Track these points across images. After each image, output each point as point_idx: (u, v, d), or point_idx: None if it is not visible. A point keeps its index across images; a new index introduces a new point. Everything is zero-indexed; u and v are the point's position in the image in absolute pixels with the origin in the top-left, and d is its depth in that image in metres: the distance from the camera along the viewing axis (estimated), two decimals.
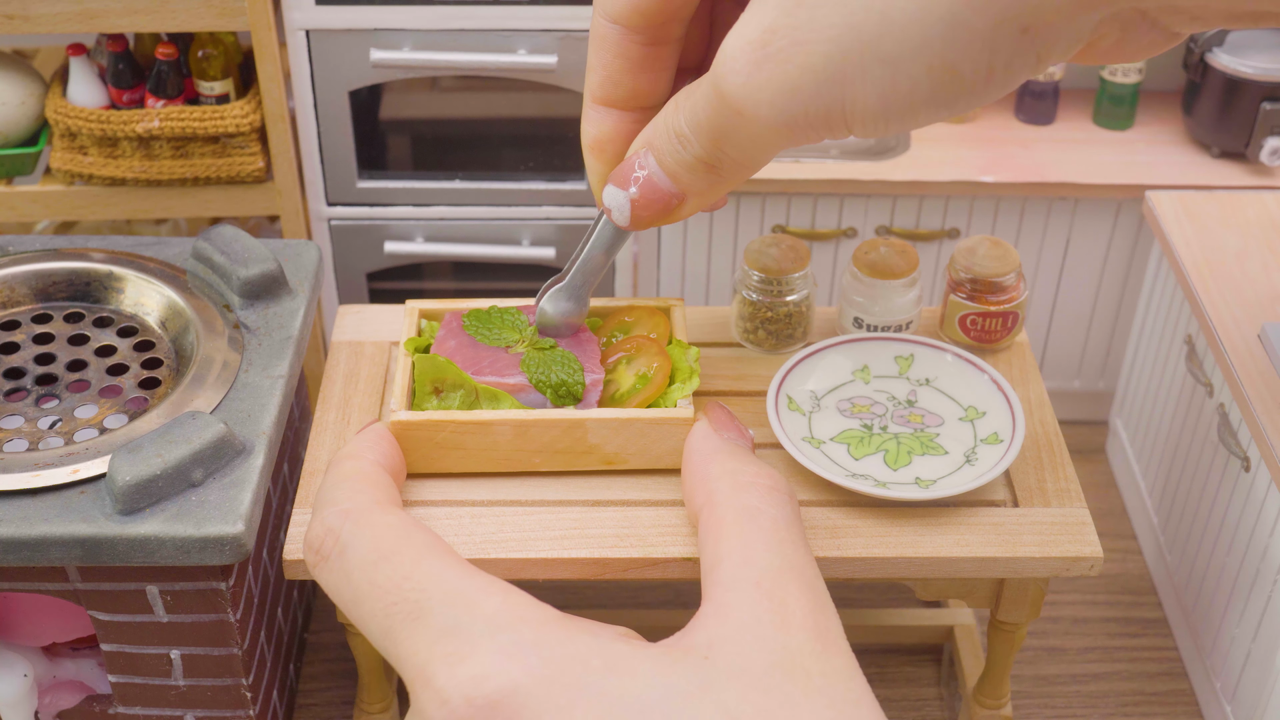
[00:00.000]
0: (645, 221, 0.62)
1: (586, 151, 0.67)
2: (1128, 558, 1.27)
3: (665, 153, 0.58)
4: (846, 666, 0.50)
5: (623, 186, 0.61)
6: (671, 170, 0.58)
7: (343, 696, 1.11)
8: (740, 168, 0.56)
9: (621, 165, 0.62)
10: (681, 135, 0.56)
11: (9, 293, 1.01)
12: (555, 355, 0.83)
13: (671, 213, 0.61)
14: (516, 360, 0.83)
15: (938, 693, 1.14)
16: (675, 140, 0.56)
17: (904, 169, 1.32)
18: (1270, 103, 1.30)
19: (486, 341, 0.84)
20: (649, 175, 0.59)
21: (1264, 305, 1.06)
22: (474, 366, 0.83)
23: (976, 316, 0.96)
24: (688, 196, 0.59)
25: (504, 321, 0.85)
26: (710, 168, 0.56)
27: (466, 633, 0.49)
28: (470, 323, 0.86)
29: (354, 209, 1.35)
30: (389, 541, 0.55)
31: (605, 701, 0.47)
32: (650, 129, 0.59)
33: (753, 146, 0.53)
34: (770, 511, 0.57)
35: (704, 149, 0.55)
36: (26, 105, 1.26)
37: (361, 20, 1.25)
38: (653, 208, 0.60)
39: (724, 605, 0.52)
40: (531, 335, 0.84)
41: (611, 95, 0.64)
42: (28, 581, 0.87)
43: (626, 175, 0.61)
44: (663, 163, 0.58)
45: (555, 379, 0.82)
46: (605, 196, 0.63)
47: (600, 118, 0.65)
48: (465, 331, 0.86)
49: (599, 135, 0.65)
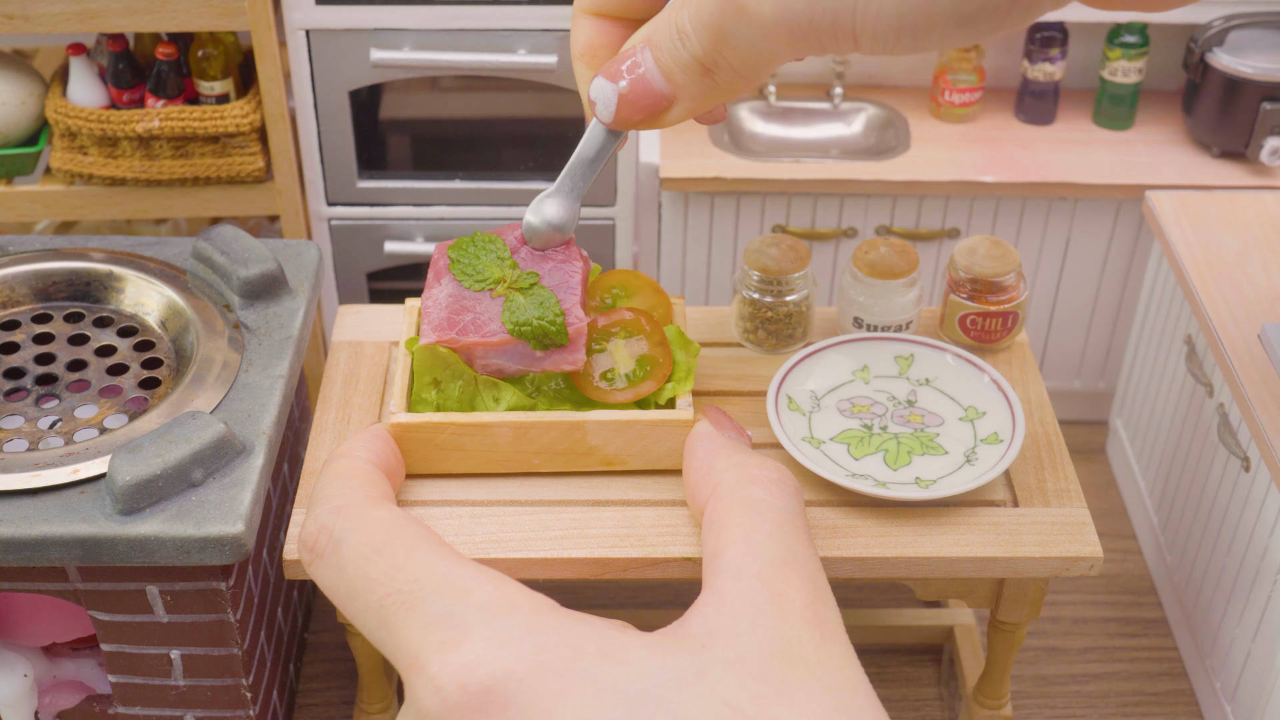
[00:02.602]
0: (630, 120, 0.60)
1: (576, 60, 0.66)
2: (1128, 558, 1.27)
3: (664, 49, 0.56)
4: (845, 656, 0.50)
5: (612, 80, 0.59)
6: (667, 68, 0.56)
7: (343, 696, 1.11)
8: (736, 75, 0.55)
9: (615, 58, 0.60)
10: (683, 30, 0.55)
11: (9, 293, 1.01)
12: (535, 297, 0.81)
13: (659, 115, 0.60)
14: (499, 309, 0.81)
15: (938, 693, 1.14)
16: (675, 36, 0.55)
17: (904, 169, 1.32)
18: (1270, 103, 1.30)
19: (469, 284, 0.82)
20: (644, 71, 0.58)
21: (1264, 305, 1.06)
22: (458, 326, 0.82)
23: (976, 316, 0.96)
24: (678, 99, 0.57)
25: (487, 252, 0.83)
26: (706, 70, 0.56)
27: (459, 620, 0.49)
28: (455, 257, 0.83)
29: (354, 209, 1.35)
30: (381, 535, 0.55)
31: (599, 688, 0.47)
32: (651, 24, 0.57)
33: (752, 52, 0.52)
34: (775, 504, 0.57)
35: (703, 48, 0.55)
36: (26, 105, 1.26)
37: (361, 20, 1.25)
38: (640, 104, 0.59)
39: (723, 594, 0.52)
40: (513, 274, 0.81)
41: (605, 6, 0.63)
42: (28, 581, 0.87)
43: (618, 68, 0.59)
44: (659, 59, 0.56)
45: (536, 326, 0.80)
46: (592, 89, 0.61)
47: (591, 25, 0.64)
48: (450, 273, 0.83)
49: (590, 42, 0.64)
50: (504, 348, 0.81)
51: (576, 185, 0.74)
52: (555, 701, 0.46)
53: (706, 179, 1.31)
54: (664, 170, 1.31)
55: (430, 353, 0.83)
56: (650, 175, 1.32)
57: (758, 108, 1.44)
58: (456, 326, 0.82)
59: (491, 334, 0.80)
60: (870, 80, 1.47)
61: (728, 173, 1.31)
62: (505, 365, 0.83)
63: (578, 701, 0.46)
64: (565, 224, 0.77)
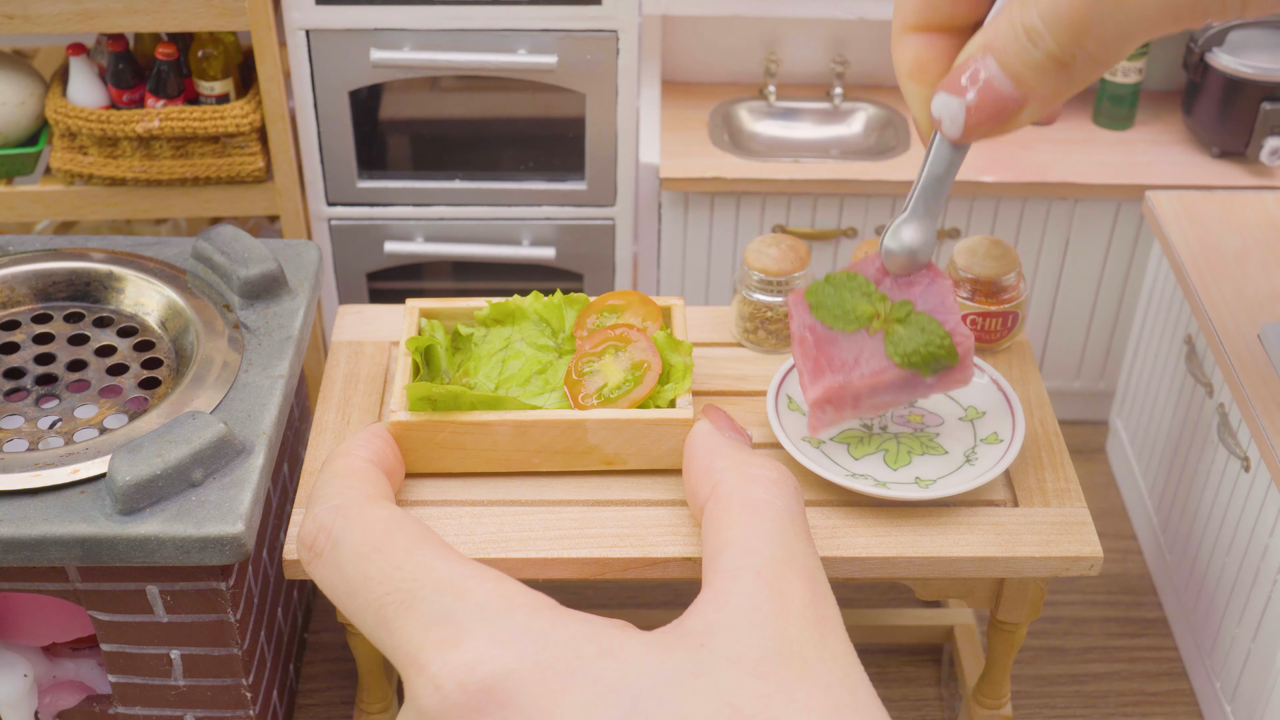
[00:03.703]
0: (980, 130, 0.60)
1: (904, 79, 0.64)
2: (1128, 558, 1.27)
3: (1010, 53, 0.56)
4: (844, 654, 0.50)
5: (957, 94, 0.59)
6: (1016, 71, 0.56)
7: (343, 696, 1.11)
8: (1096, 64, 0.54)
9: (953, 71, 0.59)
10: (1033, 31, 0.54)
11: (9, 293, 1.01)
12: (915, 325, 0.78)
13: (1009, 119, 0.58)
14: (879, 344, 0.78)
15: (938, 693, 1.14)
16: (1024, 37, 0.55)
17: (904, 169, 1.32)
18: (1270, 103, 1.30)
19: (840, 326, 0.79)
20: (989, 78, 0.57)
21: (1264, 305, 1.06)
22: (839, 366, 0.79)
23: (976, 316, 0.96)
24: (1029, 100, 0.57)
25: (850, 290, 0.79)
26: (1062, 65, 0.54)
27: (459, 619, 0.49)
28: (816, 302, 0.80)
29: (354, 209, 1.36)
30: (380, 534, 0.55)
31: (598, 686, 0.47)
32: (989, 30, 0.57)
33: (1118, 37, 0.52)
34: (775, 503, 0.57)
35: (1059, 44, 0.54)
36: (26, 105, 1.26)
37: (361, 20, 1.25)
38: (990, 113, 0.58)
39: (723, 592, 0.52)
40: (885, 307, 0.79)
41: (929, 18, 0.62)
42: (28, 581, 0.87)
43: (959, 81, 0.59)
44: (1005, 64, 0.56)
45: (924, 351, 0.77)
46: (935, 106, 0.61)
47: (916, 42, 0.63)
48: (814, 317, 0.80)
49: (918, 59, 0.63)
50: (893, 382, 0.79)
51: (931, 207, 0.73)
52: (554, 700, 0.46)
53: (706, 179, 1.31)
54: (664, 170, 1.31)
55: (423, 388, 0.83)
56: (650, 175, 1.33)
57: (758, 108, 1.44)
58: (839, 370, 0.79)
59: (879, 370, 0.78)
60: (870, 80, 1.47)
61: (728, 173, 1.31)
62: (895, 399, 0.80)
63: (577, 700, 0.46)
64: (925, 248, 0.76)
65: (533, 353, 0.89)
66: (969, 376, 0.81)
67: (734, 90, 1.46)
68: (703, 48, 1.46)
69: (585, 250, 1.38)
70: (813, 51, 1.45)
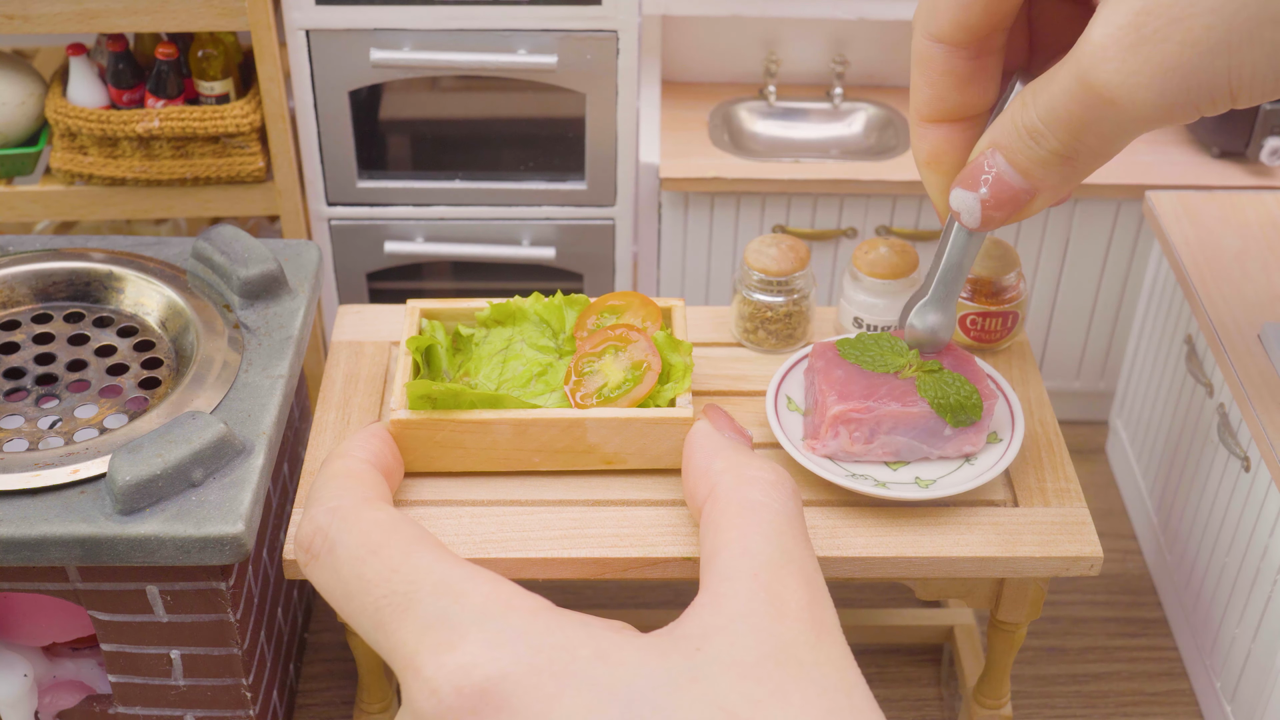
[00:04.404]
0: (996, 220, 0.63)
1: (923, 167, 0.68)
2: (1128, 558, 1.27)
3: (1015, 150, 0.59)
4: (841, 657, 0.50)
5: (971, 189, 0.63)
6: (1023, 166, 0.59)
7: (343, 696, 1.11)
8: (1097, 157, 0.57)
9: (967, 168, 0.63)
10: (1034, 130, 0.57)
11: (9, 293, 1.01)
12: (946, 378, 0.83)
13: (1022, 209, 0.62)
14: (911, 386, 0.84)
15: (938, 693, 1.14)
16: (1027, 137, 0.58)
17: (904, 169, 1.32)
18: (1270, 103, 1.30)
19: (873, 368, 0.84)
20: (998, 174, 0.61)
21: (1264, 305, 1.06)
22: (871, 393, 0.83)
23: (976, 316, 0.96)
24: (1039, 191, 0.60)
25: (881, 346, 0.85)
26: (1065, 160, 0.58)
27: (455, 622, 0.49)
28: (848, 351, 0.86)
29: (354, 209, 1.36)
30: (376, 536, 0.55)
31: (593, 690, 0.47)
32: (995, 129, 0.60)
33: (1116, 134, 0.55)
34: (772, 505, 0.57)
35: (1060, 142, 0.57)
36: (26, 105, 1.26)
37: (361, 20, 1.25)
38: (1004, 205, 0.62)
39: (720, 595, 0.52)
40: (915, 358, 0.84)
41: (941, 111, 0.66)
42: (28, 581, 0.87)
43: (975, 177, 0.62)
44: (1013, 160, 0.59)
45: (954, 401, 0.82)
46: (953, 200, 0.65)
47: (932, 133, 0.67)
48: (846, 360, 0.86)
49: (934, 150, 0.67)
50: (917, 421, 0.83)
51: (951, 292, 0.79)
52: (550, 703, 0.46)
53: (706, 179, 1.31)
54: (664, 170, 1.31)
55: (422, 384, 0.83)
56: (650, 175, 1.33)
57: (758, 108, 1.44)
58: (868, 396, 0.83)
59: (911, 403, 0.83)
60: (870, 80, 1.47)
61: (728, 173, 1.31)
62: (905, 445, 0.85)
63: (572, 703, 0.46)
64: (947, 329, 0.82)
65: (533, 354, 0.89)
66: (982, 440, 0.85)
67: (734, 90, 1.46)
68: (702, 48, 1.46)
69: (585, 250, 1.38)
70: (813, 51, 1.45)
